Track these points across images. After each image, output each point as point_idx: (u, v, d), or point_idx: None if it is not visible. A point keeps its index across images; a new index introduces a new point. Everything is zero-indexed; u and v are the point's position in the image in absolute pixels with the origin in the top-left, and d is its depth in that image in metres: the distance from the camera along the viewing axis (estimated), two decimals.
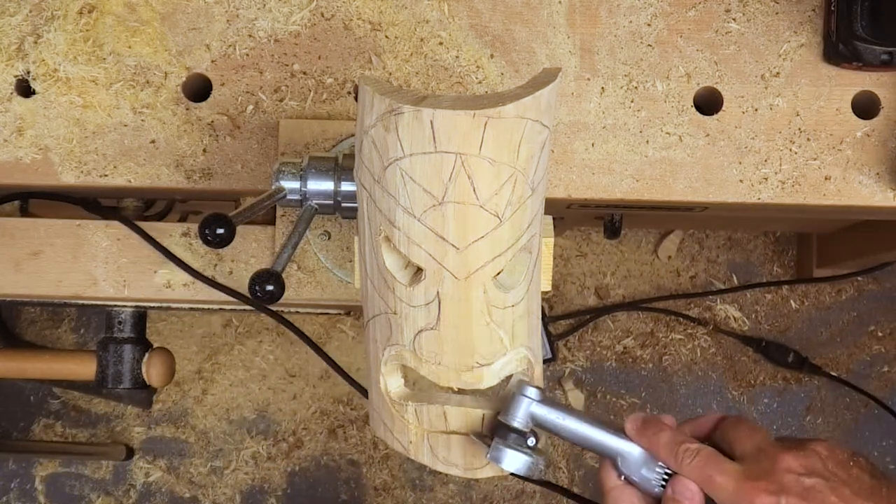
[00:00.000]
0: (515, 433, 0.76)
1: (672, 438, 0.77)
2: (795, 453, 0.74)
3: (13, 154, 0.98)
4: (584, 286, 1.95)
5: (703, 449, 0.76)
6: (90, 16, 0.99)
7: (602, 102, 0.98)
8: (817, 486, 0.72)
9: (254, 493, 1.91)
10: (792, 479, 0.72)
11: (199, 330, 1.94)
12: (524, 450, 0.76)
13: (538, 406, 0.76)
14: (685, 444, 0.76)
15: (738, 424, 0.79)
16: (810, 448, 0.75)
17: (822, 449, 0.75)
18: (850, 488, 0.73)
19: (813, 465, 0.74)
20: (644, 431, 0.78)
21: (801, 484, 0.72)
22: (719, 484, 0.74)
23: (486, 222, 0.71)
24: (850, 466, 0.75)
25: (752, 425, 0.79)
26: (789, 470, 0.73)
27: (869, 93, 0.98)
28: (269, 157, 0.99)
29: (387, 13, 0.99)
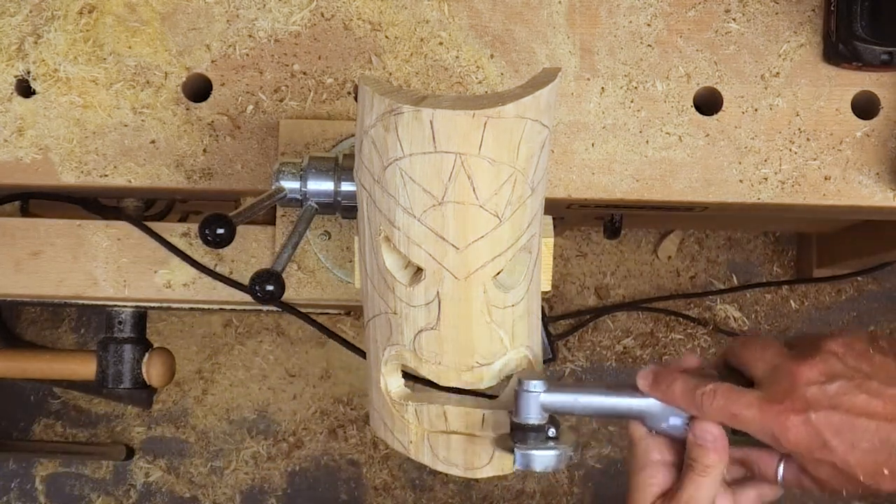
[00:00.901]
0: (534, 431, 0.75)
1: (686, 386, 0.75)
2: (811, 362, 0.71)
3: (13, 154, 0.99)
4: (584, 286, 1.95)
5: (719, 388, 0.74)
6: (90, 16, 0.99)
7: (602, 102, 0.98)
8: (842, 390, 0.70)
9: (254, 493, 1.91)
10: (815, 392, 0.70)
11: (199, 330, 1.94)
12: (548, 445, 0.75)
13: (546, 395, 0.75)
14: (700, 389, 0.74)
15: (747, 344, 0.77)
16: (825, 350, 0.72)
17: (838, 347, 0.72)
18: (877, 379, 0.70)
19: (832, 368, 0.71)
20: (657, 386, 0.76)
21: (825, 393, 0.70)
22: (744, 418, 0.72)
23: (485, 222, 0.71)
24: (870, 355, 0.72)
25: (761, 342, 0.76)
26: (809, 382, 0.71)
27: (869, 93, 0.98)
28: (269, 157, 0.99)
29: (387, 13, 0.99)
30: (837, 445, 0.70)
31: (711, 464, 0.75)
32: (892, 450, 0.69)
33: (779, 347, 0.75)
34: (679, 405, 0.76)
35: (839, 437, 0.70)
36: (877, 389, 0.70)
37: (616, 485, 1.88)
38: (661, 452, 0.79)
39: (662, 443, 0.79)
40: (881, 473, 0.70)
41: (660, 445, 0.79)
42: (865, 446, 0.69)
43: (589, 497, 1.89)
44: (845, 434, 0.70)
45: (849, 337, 0.73)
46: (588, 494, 1.89)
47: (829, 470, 0.72)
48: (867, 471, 0.70)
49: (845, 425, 0.69)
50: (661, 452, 0.79)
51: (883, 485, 0.70)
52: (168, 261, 1.01)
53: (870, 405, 0.69)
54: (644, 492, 0.79)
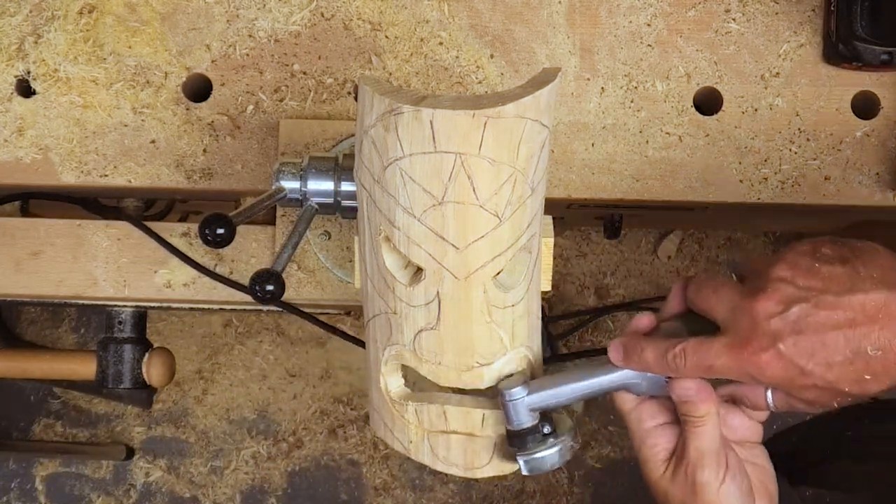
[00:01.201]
0: (529, 434, 0.76)
1: (656, 352, 0.75)
2: (765, 294, 0.71)
3: (13, 154, 0.99)
4: (584, 286, 1.95)
5: (687, 346, 0.74)
6: (90, 16, 0.99)
7: (602, 102, 0.98)
8: (802, 313, 0.70)
9: (254, 493, 1.91)
10: (777, 323, 0.70)
11: (199, 330, 1.94)
12: (548, 444, 0.76)
13: (530, 398, 0.76)
14: (670, 352, 0.74)
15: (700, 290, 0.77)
16: (774, 278, 0.72)
17: (785, 271, 0.72)
18: (831, 292, 0.70)
19: (786, 295, 0.71)
20: (630, 357, 0.77)
21: (787, 322, 0.70)
22: (719, 368, 0.73)
23: (485, 222, 0.71)
24: (817, 269, 0.71)
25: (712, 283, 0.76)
26: (769, 315, 0.70)
27: (869, 93, 0.98)
28: (270, 157, 0.99)
29: (387, 13, 0.99)
30: (814, 368, 0.70)
31: (704, 413, 0.76)
32: (867, 356, 0.69)
33: (731, 285, 0.75)
34: (655, 371, 0.76)
35: (813, 359, 0.70)
36: (834, 302, 0.69)
37: (617, 485, 1.88)
38: (653, 417, 0.80)
39: (652, 405, 0.80)
40: (863, 380, 0.70)
41: (651, 410, 0.80)
42: (840, 360, 0.69)
43: (589, 497, 1.88)
44: (818, 355, 0.70)
45: (792, 256, 0.73)
46: (588, 494, 1.89)
47: (813, 391, 0.72)
48: (850, 382, 0.70)
49: (816, 346, 0.69)
50: (654, 417, 0.80)
51: (869, 389, 0.71)
52: (168, 261, 1.01)
53: (832, 319, 0.69)
54: (652, 461, 0.79)
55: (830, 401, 0.73)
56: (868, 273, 0.70)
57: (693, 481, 0.77)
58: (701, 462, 0.76)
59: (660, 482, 0.79)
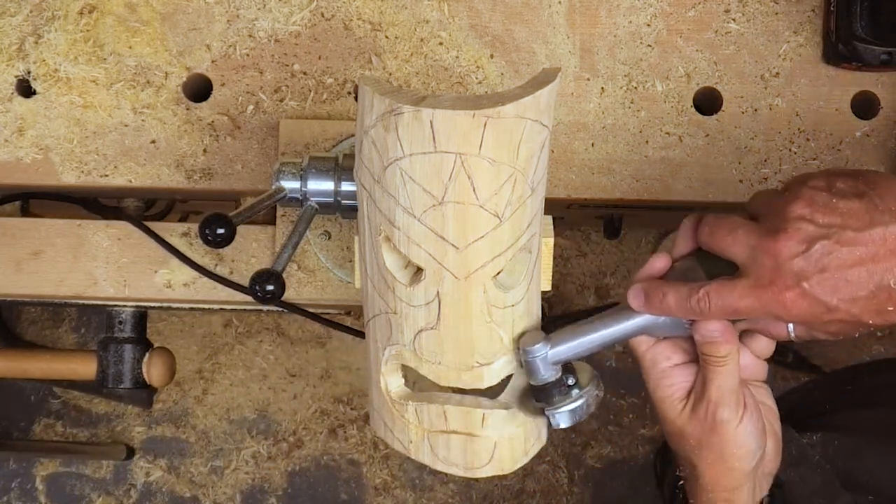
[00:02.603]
0: (554, 387, 0.77)
1: (678, 296, 0.76)
2: (785, 234, 0.72)
3: (14, 154, 0.99)
4: (584, 286, 1.95)
5: (710, 289, 0.74)
6: (91, 16, 0.99)
7: (602, 102, 0.98)
8: (824, 251, 0.70)
9: (254, 493, 1.92)
10: (800, 262, 0.71)
11: (199, 330, 1.94)
12: (573, 395, 0.77)
13: (552, 352, 0.77)
14: (693, 296, 0.75)
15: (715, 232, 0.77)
16: (793, 217, 0.72)
17: (803, 209, 0.72)
18: (851, 228, 0.71)
19: (807, 233, 0.71)
20: (651, 303, 0.77)
21: (810, 260, 0.71)
22: (744, 309, 0.73)
23: (485, 222, 0.71)
24: (834, 205, 0.72)
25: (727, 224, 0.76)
26: (792, 255, 0.71)
27: (868, 93, 0.98)
28: (270, 157, 0.99)
29: (387, 13, 0.99)
30: (839, 304, 0.71)
31: (726, 353, 0.77)
32: (890, 288, 0.70)
33: (748, 226, 0.75)
34: (678, 315, 0.77)
35: (837, 295, 0.71)
36: (854, 237, 0.70)
37: (617, 485, 1.88)
38: (668, 358, 0.80)
39: (667, 346, 0.80)
40: (886, 311, 0.71)
41: (665, 350, 0.80)
42: (864, 294, 0.70)
43: (589, 497, 1.89)
44: (842, 290, 0.70)
45: (808, 193, 0.73)
46: (588, 494, 1.89)
47: (837, 325, 0.73)
48: (873, 314, 0.71)
49: (839, 283, 0.70)
50: (670, 357, 0.80)
51: (891, 318, 0.72)
52: (168, 261, 1.01)
53: (854, 254, 0.70)
54: (669, 400, 0.80)
55: (853, 331, 0.74)
56: (886, 206, 0.71)
57: (713, 419, 0.78)
58: (721, 401, 0.78)
59: (676, 420, 0.80)
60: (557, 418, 0.78)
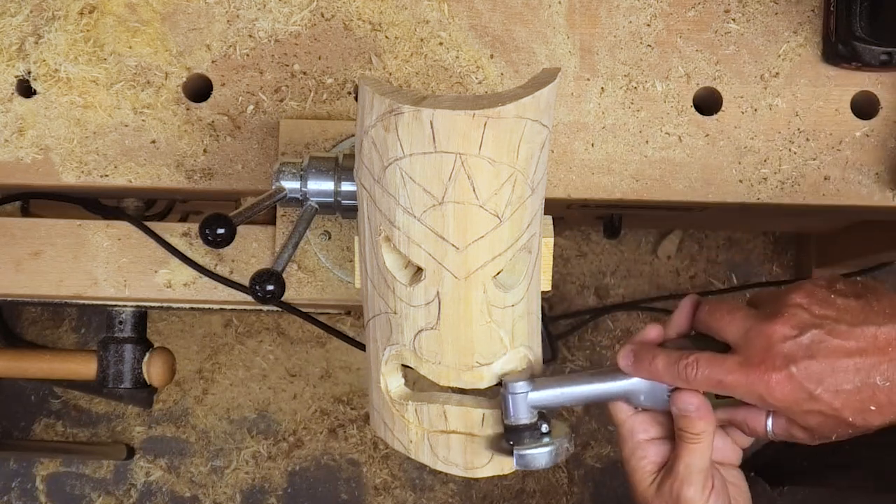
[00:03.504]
0: (527, 430, 0.77)
1: (668, 360, 0.76)
2: (781, 318, 0.73)
3: (14, 154, 0.99)
4: (584, 286, 1.95)
5: (700, 357, 0.75)
6: (91, 16, 0.99)
7: (602, 103, 0.98)
8: (816, 339, 0.72)
9: (254, 493, 1.92)
10: (791, 346, 0.72)
11: (199, 330, 1.94)
12: (543, 442, 0.76)
13: (533, 394, 0.76)
14: (682, 360, 0.76)
15: (714, 312, 0.78)
16: (791, 304, 0.74)
17: (802, 298, 0.74)
18: (845, 322, 0.72)
19: (801, 320, 0.73)
20: (640, 364, 0.78)
21: (800, 345, 0.72)
22: (729, 383, 0.74)
23: (485, 222, 0.71)
24: (832, 300, 0.74)
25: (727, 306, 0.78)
26: (784, 338, 0.72)
27: (868, 93, 0.98)
28: (270, 157, 0.99)
29: (387, 13, 0.99)
30: (822, 393, 0.71)
31: (701, 430, 0.77)
32: (875, 386, 0.71)
33: (745, 309, 0.77)
34: (663, 380, 0.77)
35: (822, 384, 0.71)
36: (847, 332, 0.72)
37: (616, 485, 1.88)
38: (646, 431, 0.81)
39: (646, 419, 0.81)
40: (868, 410, 0.72)
41: (644, 423, 0.81)
42: (849, 388, 0.71)
43: (589, 497, 1.89)
44: (828, 380, 0.71)
45: (809, 287, 0.75)
46: (588, 494, 1.89)
47: (817, 418, 0.74)
48: (855, 411, 0.72)
49: (826, 372, 0.71)
50: (647, 430, 0.81)
51: (872, 421, 0.73)
52: (168, 260, 1.01)
53: (844, 347, 0.71)
54: (640, 472, 0.81)
55: (831, 431, 0.75)
56: (881, 307, 0.73)
57: (678, 496, 0.78)
58: (689, 479, 0.78)
59: (644, 492, 0.80)
60: (526, 459, 0.76)
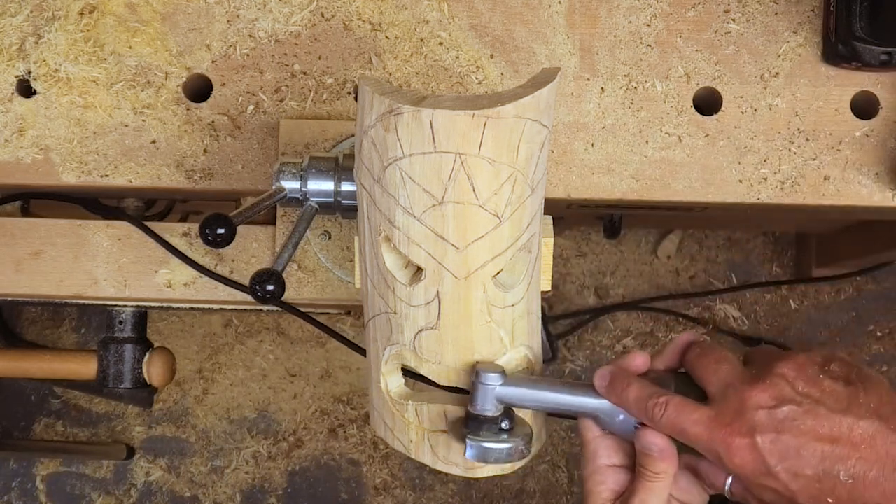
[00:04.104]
0: (487, 422, 0.76)
1: (640, 393, 0.75)
2: (762, 385, 0.71)
3: (14, 154, 0.99)
4: (584, 286, 1.95)
5: (671, 400, 0.73)
6: (91, 16, 0.99)
7: (602, 103, 0.98)
8: (790, 416, 0.70)
9: (254, 493, 1.92)
10: (763, 416, 0.70)
11: (199, 330, 1.94)
12: (500, 438, 0.75)
13: (502, 389, 0.75)
14: (653, 399, 0.74)
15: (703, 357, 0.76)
16: (776, 374, 0.72)
17: (789, 370, 0.72)
18: (825, 405, 0.70)
19: (781, 393, 0.71)
20: (613, 389, 0.76)
21: (772, 418, 0.70)
22: (692, 434, 0.72)
23: (485, 222, 0.71)
24: (821, 380, 0.71)
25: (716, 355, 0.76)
26: (758, 405, 0.70)
27: (868, 93, 0.98)
28: (270, 157, 0.99)
29: (387, 14, 0.99)
30: (781, 472, 0.69)
31: (661, 471, 0.75)
32: (837, 479, 0.68)
33: (733, 364, 0.75)
34: (631, 411, 0.76)
35: (783, 463, 0.69)
36: (824, 416, 0.69)
37: None
38: (609, 456, 0.79)
39: (612, 445, 0.79)
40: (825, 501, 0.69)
41: (609, 448, 0.79)
42: (809, 473, 0.69)
43: None
44: (790, 460, 0.69)
45: (802, 360, 0.73)
46: None
47: (771, 495, 0.71)
48: (811, 498, 0.70)
49: (790, 451, 0.69)
50: (610, 456, 0.79)
51: None
52: (168, 260, 1.01)
53: (816, 431, 0.69)
54: (596, 496, 0.79)
55: None
56: (867, 400, 0.70)
57: None
58: None
59: None
60: (475, 450, 0.75)
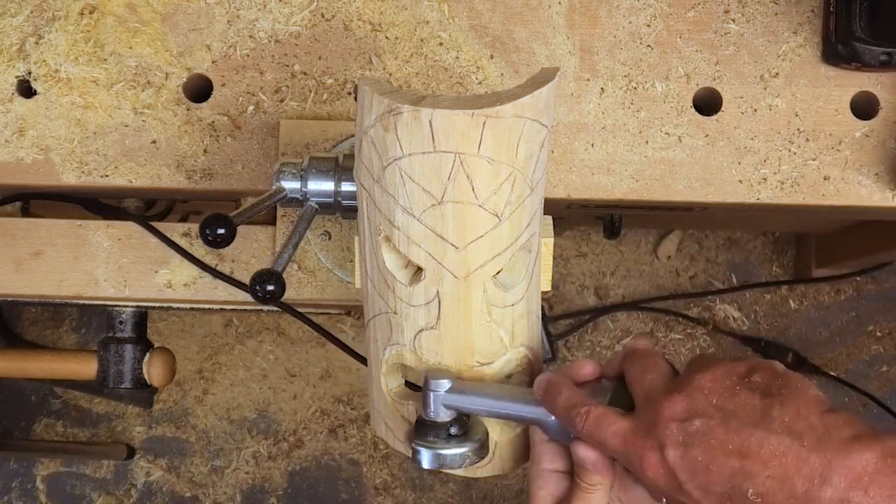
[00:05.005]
0: (434, 428, 0.76)
1: (567, 401, 0.73)
2: (677, 396, 0.69)
3: (14, 154, 0.99)
4: (584, 286, 1.95)
5: (592, 410, 0.72)
6: (91, 16, 0.99)
7: (601, 103, 0.99)
8: (700, 430, 0.67)
9: (254, 493, 1.92)
10: (674, 428, 0.68)
11: (199, 330, 1.94)
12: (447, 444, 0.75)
13: (449, 396, 0.75)
14: (576, 408, 0.73)
15: (634, 363, 0.75)
16: (694, 385, 0.69)
17: (707, 381, 0.69)
18: (737, 419, 0.67)
19: (695, 405, 0.68)
20: (547, 395, 0.75)
21: (683, 431, 0.67)
22: (610, 447, 0.71)
23: (485, 221, 0.71)
24: (736, 392, 0.68)
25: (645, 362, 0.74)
26: (672, 418, 0.68)
27: (868, 93, 0.98)
28: (270, 157, 0.99)
29: (387, 14, 0.99)
30: (692, 489, 0.67)
31: (595, 483, 0.74)
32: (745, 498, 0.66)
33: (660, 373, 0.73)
34: (559, 419, 0.75)
35: (693, 479, 0.67)
36: (735, 430, 0.66)
37: None
38: (552, 461, 0.78)
39: (556, 450, 0.78)
40: None
41: (552, 453, 0.78)
42: (718, 490, 0.66)
43: None
44: (700, 476, 0.67)
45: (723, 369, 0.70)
46: None
47: None
48: None
49: (699, 467, 0.67)
50: (553, 461, 0.78)
51: None
52: (169, 261, 1.01)
53: (725, 445, 0.66)
54: (538, 499, 0.78)
55: None
56: (782, 413, 0.67)
57: None
58: None
59: None
60: (419, 455, 0.76)
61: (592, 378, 0.78)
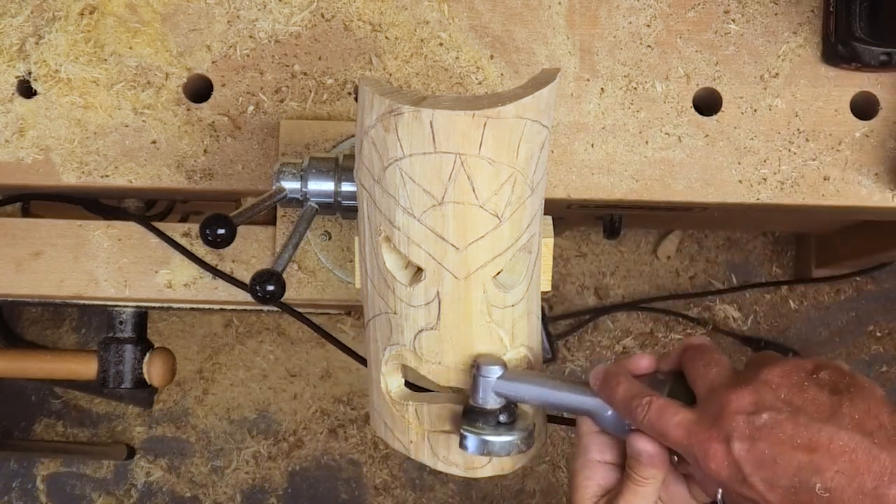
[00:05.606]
0: (483, 415, 0.76)
1: (627, 392, 0.73)
2: (744, 390, 0.69)
3: (14, 155, 0.99)
4: (584, 286, 1.95)
5: (654, 401, 0.72)
6: (91, 17, 0.99)
7: (601, 103, 0.99)
8: (768, 423, 0.67)
9: (254, 493, 1.92)
10: (741, 421, 0.68)
11: (199, 330, 1.94)
12: (496, 431, 0.75)
13: (501, 382, 0.75)
14: (637, 399, 0.73)
15: (695, 358, 0.75)
16: (761, 379, 0.70)
17: (775, 376, 0.70)
18: (806, 414, 0.67)
19: (763, 399, 0.69)
20: (605, 386, 0.75)
21: (751, 424, 0.68)
22: (671, 437, 0.71)
23: (485, 222, 0.71)
24: (804, 388, 0.69)
25: (707, 357, 0.74)
26: (738, 411, 0.68)
27: (867, 93, 0.98)
28: (270, 157, 0.99)
29: (387, 14, 0.99)
30: (757, 482, 0.67)
31: (649, 476, 0.74)
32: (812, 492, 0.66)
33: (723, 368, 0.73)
34: (617, 409, 0.75)
35: (759, 472, 0.67)
36: (804, 425, 0.67)
37: None
38: (601, 452, 0.78)
39: (605, 442, 0.78)
40: None
41: (601, 445, 0.78)
42: (784, 484, 0.67)
43: None
44: (766, 469, 0.67)
45: (790, 366, 0.71)
46: None
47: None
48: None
49: (766, 460, 0.67)
50: (602, 452, 0.78)
51: None
52: (169, 261, 1.01)
53: (794, 440, 0.67)
54: (583, 491, 0.78)
55: None
56: (852, 412, 0.67)
57: None
58: None
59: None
60: (468, 441, 0.75)
61: (649, 371, 0.78)
